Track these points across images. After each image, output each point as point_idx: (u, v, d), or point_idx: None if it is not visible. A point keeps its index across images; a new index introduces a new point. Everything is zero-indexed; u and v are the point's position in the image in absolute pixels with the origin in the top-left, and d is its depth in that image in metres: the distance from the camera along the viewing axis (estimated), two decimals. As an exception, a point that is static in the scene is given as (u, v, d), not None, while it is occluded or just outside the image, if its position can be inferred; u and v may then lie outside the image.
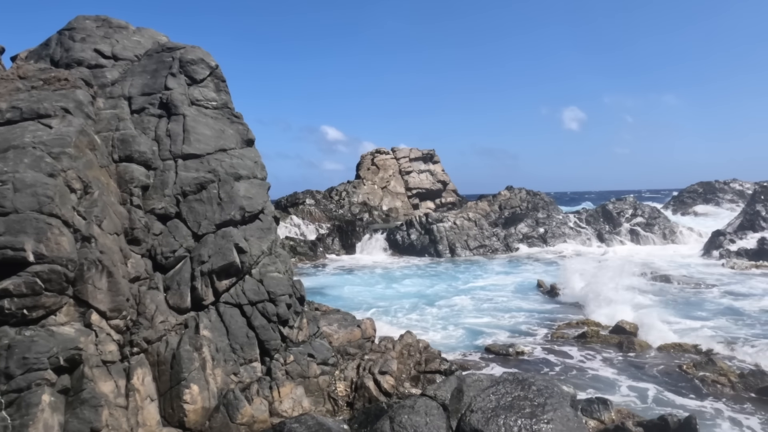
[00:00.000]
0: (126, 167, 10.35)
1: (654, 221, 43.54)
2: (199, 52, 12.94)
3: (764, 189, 43.79)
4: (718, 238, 35.69)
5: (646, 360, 14.05)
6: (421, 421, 7.99)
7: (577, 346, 15.47)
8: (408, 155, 55.50)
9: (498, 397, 8.09)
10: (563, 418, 7.77)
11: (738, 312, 19.25)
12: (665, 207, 65.32)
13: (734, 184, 68.70)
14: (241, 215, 10.87)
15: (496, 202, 44.64)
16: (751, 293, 22.45)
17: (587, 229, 41.46)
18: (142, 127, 11.35)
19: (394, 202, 51.32)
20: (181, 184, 10.68)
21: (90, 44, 12.61)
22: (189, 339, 9.35)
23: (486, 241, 39.39)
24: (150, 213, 10.26)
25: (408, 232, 40.69)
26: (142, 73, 12.35)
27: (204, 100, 12.35)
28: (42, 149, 8.53)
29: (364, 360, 11.43)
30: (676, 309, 19.99)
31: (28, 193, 7.78)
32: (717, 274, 27.57)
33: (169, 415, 8.79)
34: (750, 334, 16.42)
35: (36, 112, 9.34)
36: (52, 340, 7.36)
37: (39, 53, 12.83)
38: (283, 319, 10.52)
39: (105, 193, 9.21)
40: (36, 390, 7.00)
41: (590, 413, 10.11)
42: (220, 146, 11.65)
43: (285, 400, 9.74)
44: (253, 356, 10.05)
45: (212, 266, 10.07)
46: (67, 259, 7.73)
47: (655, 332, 16.19)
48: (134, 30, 13.91)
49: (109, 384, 7.93)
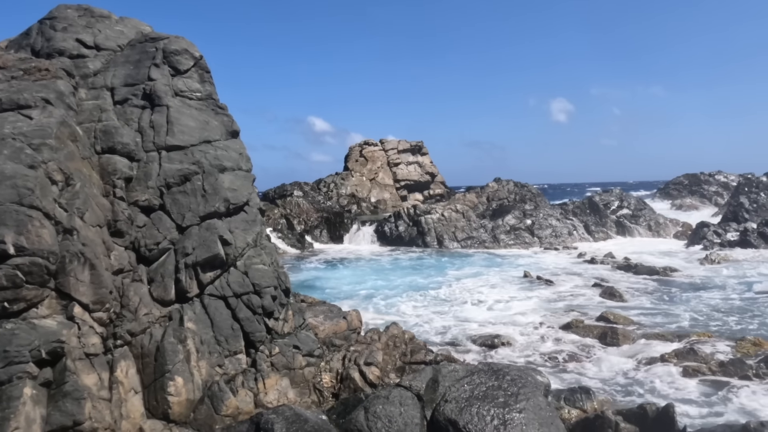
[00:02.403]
0: (109, 159, 10.25)
1: (640, 213, 43.96)
2: (183, 42, 12.82)
3: (748, 181, 44.36)
4: (703, 229, 36.13)
5: (629, 349, 14.24)
6: (396, 411, 8.07)
7: (562, 335, 15.63)
8: (396, 147, 55.45)
9: (472, 387, 8.21)
10: (536, 407, 7.89)
11: (720, 302, 19.54)
12: (651, 198, 66.02)
13: (719, 176, 69.51)
14: (226, 207, 10.84)
15: (484, 194, 44.78)
16: (731, 284, 22.79)
17: (574, 221, 41.76)
18: (125, 118, 11.24)
19: (383, 194, 51.32)
20: (164, 176, 10.62)
21: (72, 34, 12.43)
22: (173, 331, 9.34)
23: (474, 232, 39.56)
24: (133, 205, 10.20)
25: (396, 224, 40.76)
26: (125, 63, 12.22)
27: (188, 91, 12.25)
28: (22, 140, 8.43)
29: (350, 351, 11.48)
30: (658, 300, 20.27)
31: (8, 185, 7.69)
32: (699, 266, 27.92)
33: (153, 407, 8.79)
34: (731, 322, 16.70)
35: (16, 103, 9.21)
36: (33, 333, 7.31)
37: (19, 43, 12.63)
38: (268, 311, 10.53)
39: (87, 185, 9.14)
40: (17, 383, 6.96)
41: (573, 402, 10.26)
42: (204, 138, 11.58)
43: (270, 392, 9.77)
44: (238, 348, 10.06)
45: (196, 258, 10.04)
46: (49, 251, 7.67)
47: (638, 323, 16.42)
48: (117, 20, 13.73)
49: (92, 377, 7.90)
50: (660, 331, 15.83)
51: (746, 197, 40.50)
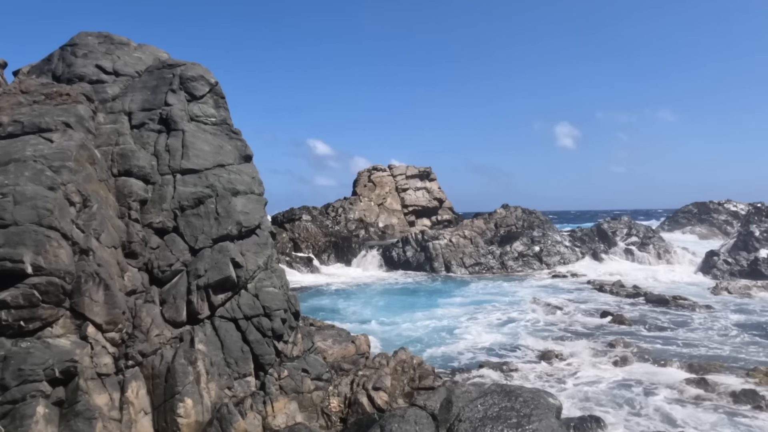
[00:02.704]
0: (125, 181, 10.47)
1: (649, 240, 43.74)
2: (200, 69, 13.15)
3: (758, 210, 44.16)
4: (712, 258, 35.89)
5: (640, 378, 14.10)
6: (411, 429, 8.08)
7: (571, 363, 15.51)
8: (404, 172, 55.79)
9: (485, 408, 8.21)
10: (548, 428, 7.87)
11: (731, 332, 19.34)
12: (660, 227, 65.69)
13: (728, 205, 69.11)
14: (238, 230, 10.98)
15: (491, 220, 44.79)
16: (742, 314, 22.56)
17: (582, 248, 41.61)
18: (142, 142, 11.50)
19: (391, 219, 51.47)
20: (179, 199, 10.80)
21: (92, 60, 12.81)
22: (184, 353, 9.40)
23: (481, 258, 39.49)
24: (148, 227, 10.37)
25: (404, 249, 40.77)
26: (143, 88, 12.54)
27: (203, 116, 12.53)
28: (42, 163, 8.65)
29: (358, 376, 11.47)
30: (668, 328, 20.08)
31: (28, 206, 7.88)
32: (709, 295, 27.68)
33: (162, 428, 8.80)
34: (743, 352, 16.51)
35: (37, 126, 9.48)
36: (47, 352, 7.41)
37: (41, 68, 13.01)
38: (277, 333, 10.57)
39: (104, 206, 9.32)
40: (31, 401, 7.03)
41: (583, 431, 10.17)
42: (218, 162, 11.79)
43: (278, 415, 9.76)
44: (247, 371, 10.09)
45: (208, 280, 10.15)
46: (65, 271, 7.80)
47: (647, 351, 16.27)
48: (135, 46, 14.13)
49: (103, 396, 7.96)
50: (670, 359, 15.67)
51: (756, 226, 40.27)
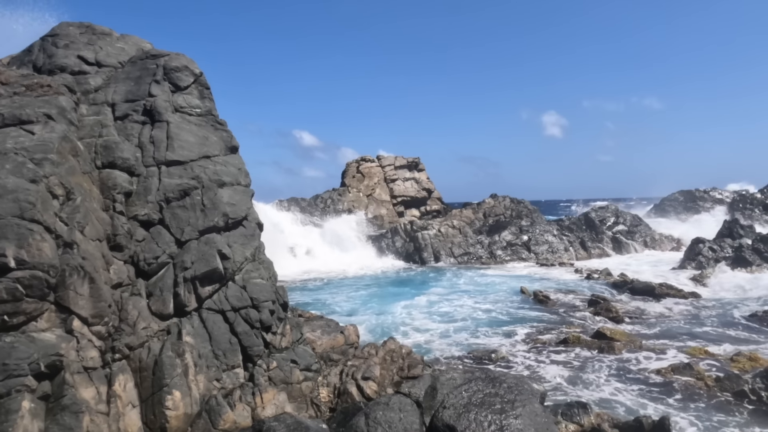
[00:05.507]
0: (109, 173, 10.36)
1: (636, 229, 44.16)
2: (184, 59, 13.01)
3: (742, 197, 44.70)
4: (698, 245, 36.29)
5: (625, 364, 14.28)
6: (396, 417, 8.18)
7: (559, 351, 15.66)
8: (393, 163, 55.69)
9: (470, 394, 8.33)
10: (531, 413, 8.00)
11: (715, 318, 19.61)
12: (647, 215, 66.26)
13: (714, 193, 69.82)
14: (225, 222, 10.92)
15: (480, 209, 44.95)
16: (727, 300, 22.88)
17: (570, 237, 41.90)
18: (126, 133, 11.37)
19: (380, 210, 51.43)
20: (164, 191, 10.71)
21: (73, 51, 12.62)
22: (171, 345, 9.36)
23: (470, 248, 39.65)
24: (133, 219, 10.28)
25: (393, 240, 40.82)
26: (126, 79, 12.38)
27: (188, 107, 12.41)
28: (24, 155, 8.53)
29: (347, 366, 11.50)
30: (654, 316, 20.32)
31: (10, 199, 7.78)
32: (695, 282, 28.01)
33: (150, 421, 8.78)
34: (727, 338, 16.76)
35: (18, 118, 9.34)
36: (32, 347, 7.35)
37: (21, 59, 12.80)
38: (266, 325, 10.56)
39: (87, 199, 9.22)
40: (16, 396, 6.98)
41: (570, 417, 10.28)
42: (203, 153, 11.70)
43: (268, 406, 9.77)
44: (235, 362, 10.08)
45: (195, 272, 10.10)
46: (49, 265, 7.73)
47: (634, 338, 16.49)
48: (118, 37, 13.94)
49: (90, 390, 7.92)
50: (656, 346, 15.88)
51: (741, 213, 40.77)
